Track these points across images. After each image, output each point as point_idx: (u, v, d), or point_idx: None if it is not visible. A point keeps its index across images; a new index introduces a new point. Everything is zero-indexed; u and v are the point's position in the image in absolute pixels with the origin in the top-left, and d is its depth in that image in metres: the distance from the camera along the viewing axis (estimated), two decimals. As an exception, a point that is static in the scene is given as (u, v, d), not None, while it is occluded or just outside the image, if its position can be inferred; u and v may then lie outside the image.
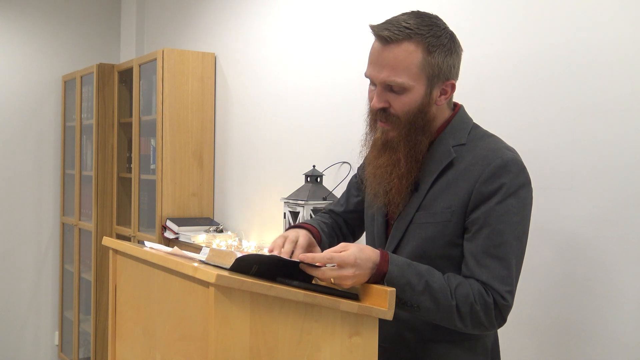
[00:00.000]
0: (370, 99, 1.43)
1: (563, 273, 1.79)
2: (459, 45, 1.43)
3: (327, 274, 1.28)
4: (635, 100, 1.63)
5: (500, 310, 1.32)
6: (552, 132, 1.82)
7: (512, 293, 1.33)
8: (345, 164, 2.60)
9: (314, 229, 1.57)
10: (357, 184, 1.69)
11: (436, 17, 1.41)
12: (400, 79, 1.35)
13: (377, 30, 1.37)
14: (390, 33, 1.35)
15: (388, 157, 1.42)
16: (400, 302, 1.31)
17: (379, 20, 1.45)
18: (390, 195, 1.45)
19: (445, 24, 1.41)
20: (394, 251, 1.46)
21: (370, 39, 1.43)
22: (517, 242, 1.34)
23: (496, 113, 1.96)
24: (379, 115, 1.42)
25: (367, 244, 1.58)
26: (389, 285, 1.29)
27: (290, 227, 1.57)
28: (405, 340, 1.46)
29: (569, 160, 1.77)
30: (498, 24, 1.98)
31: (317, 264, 1.29)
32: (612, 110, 1.68)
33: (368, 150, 1.49)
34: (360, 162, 1.65)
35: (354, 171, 2.52)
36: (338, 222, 1.70)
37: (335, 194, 2.51)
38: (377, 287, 1.29)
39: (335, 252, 1.30)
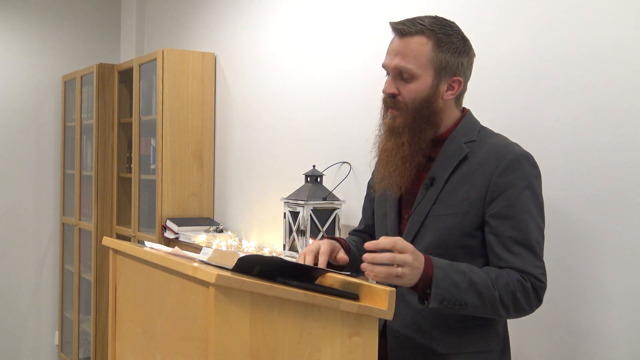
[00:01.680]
0: None
1: (561, 272, 1.79)
2: (471, 48, 1.53)
3: (391, 271, 1.30)
4: (635, 100, 1.64)
5: (537, 293, 1.42)
6: (551, 131, 1.82)
7: (545, 274, 1.44)
8: (345, 164, 2.59)
9: (342, 240, 1.62)
10: (369, 195, 1.76)
11: (452, 22, 1.52)
12: (409, 65, 1.46)
13: (394, 25, 1.51)
14: (405, 27, 1.49)
15: (393, 141, 1.52)
16: (447, 303, 1.35)
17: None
18: (394, 177, 1.52)
19: (460, 28, 1.52)
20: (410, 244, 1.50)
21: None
22: (537, 229, 1.45)
23: (495, 112, 1.96)
24: (389, 102, 1.52)
25: None
26: (437, 288, 1.34)
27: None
28: (422, 329, 1.51)
29: (568, 160, 1.78)
30: (498, 25, 1.98)
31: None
32: (612, 110, 1.68)
33: (379, 137, 1.58)
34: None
35: (354, 171, 2.53)
36: (364, 238, 1.75)
37: (335, 194, 2.51)
38: (377, 287, 1.29)
39: (394, 249, 1.32)
